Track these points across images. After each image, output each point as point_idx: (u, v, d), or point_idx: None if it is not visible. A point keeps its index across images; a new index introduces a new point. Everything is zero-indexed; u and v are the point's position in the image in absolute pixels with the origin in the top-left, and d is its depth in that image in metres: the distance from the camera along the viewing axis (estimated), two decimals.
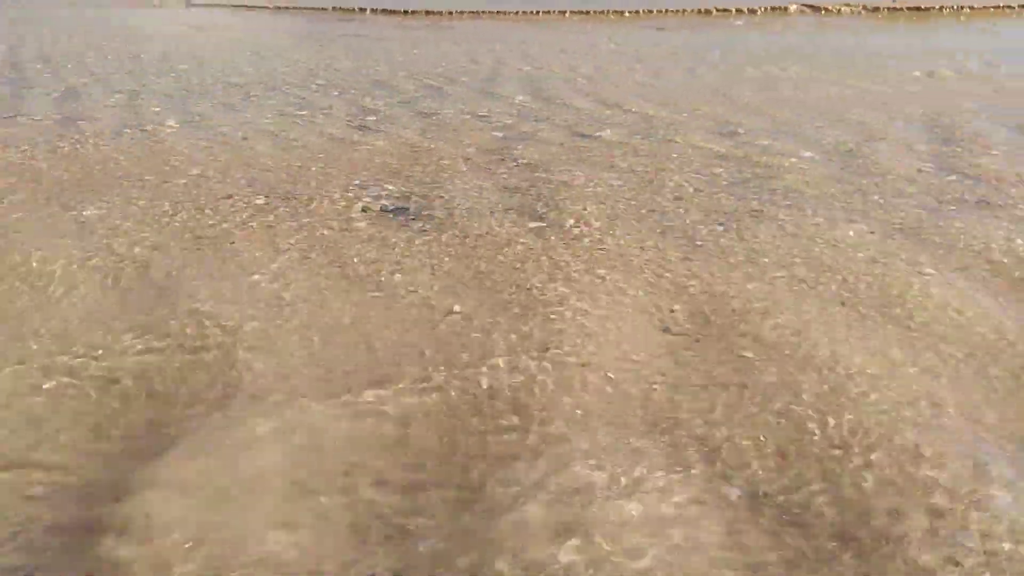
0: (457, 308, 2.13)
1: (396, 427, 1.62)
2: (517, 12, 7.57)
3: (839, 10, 6.38)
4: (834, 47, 5.58)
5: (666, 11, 6.62)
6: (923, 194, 3.10)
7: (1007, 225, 2.76)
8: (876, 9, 6.38)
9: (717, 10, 6.49)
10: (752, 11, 6.49)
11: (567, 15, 6.69)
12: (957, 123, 3.93)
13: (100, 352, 1.87)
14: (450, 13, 8.14)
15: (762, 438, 1.59)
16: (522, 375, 1.81)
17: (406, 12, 8.36)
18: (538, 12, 7.27)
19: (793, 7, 6.41)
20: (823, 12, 6.37)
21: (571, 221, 2.76)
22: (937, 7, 6.51)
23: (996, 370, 1.87)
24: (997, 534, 1.30)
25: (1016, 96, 4.37)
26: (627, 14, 6.67)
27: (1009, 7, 6.53)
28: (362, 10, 8.50)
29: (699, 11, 6.58)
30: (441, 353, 1.89)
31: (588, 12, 6.74)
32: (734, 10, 6.53)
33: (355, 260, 2.42)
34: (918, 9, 6.50)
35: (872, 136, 3.78)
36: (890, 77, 4.75)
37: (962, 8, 6.45)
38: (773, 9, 6.51)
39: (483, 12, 8.00)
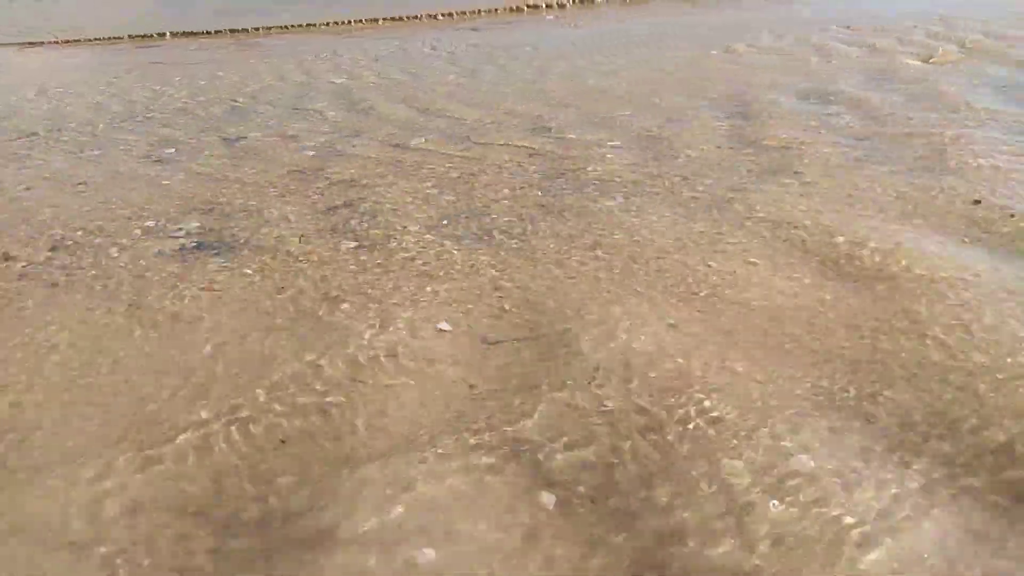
0: (265, 342, 2.02)
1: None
2: (328, 23, 7.41)
3: None
4: (640, 32, 5.85)
5: (479, 11, 6.71)
6: (724, 170, 3.28)
7: (797, 193, 2.97)
8: None
9: (528, 6, 6.64)
10: (561, 5, 6.69)
11: (380, 23, 6.62)
12: (752, 97, 4.21)
13: None
14: (256, 30, 7.84)
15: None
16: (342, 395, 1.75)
17: (209, 33, 7.98)
18: (350, 22, 7.16)
19: None
20: (629, 0, 6.67)
21: (387, 237, 2.71)
22: None
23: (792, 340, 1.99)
24: None
25: (799, 64, 4.74)
26: (441, 17, 6.70)
27: None
28: (161, 35, 8.02)
29: (511, 9, 6.71)
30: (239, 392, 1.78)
31: (402, 18, 6.70)
32: (544, 5, 6.71)
33: (151, 303, 2.25)
34: None
35: (675, 118, 3.98)
36: (692, 57, 5.03)
37: None
38: (581, 1, 6.74)
39: (292, 27, 7.77)
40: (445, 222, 2.85)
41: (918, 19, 5.74)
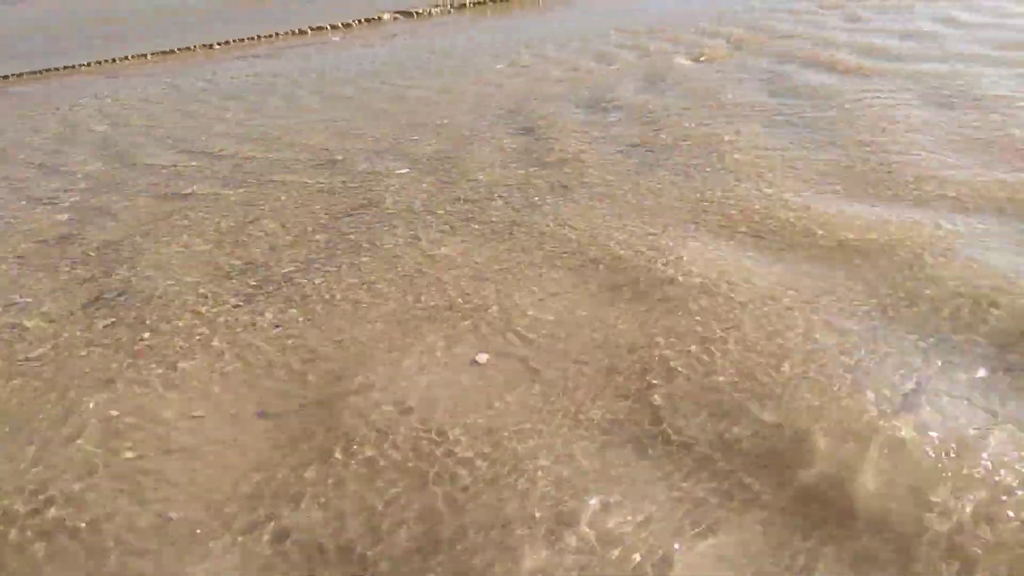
0: None
1: None
2: (90, 64, 6.78)
3: (430, 12, 6.68)
4: (428, 50, 5.82)
5: (259, 38, 6.40)
6: (514, 191, 3.29)
7: (583, 207, 3.02)
8: (463, 6, 6.79)
9: (312, 29, 6.42)
10: (347, 25, 6.55)
11: (150, 58, 6.13)
12: (538, 110, 4.28)
13: None
14: (5, 78, 7.03)
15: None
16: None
17: None
18: (115, 60, 6.59)
19: (387, 15, 6.58)
20: (415, 16, 6.63)
21: (148, 308, 2.46)
22: None
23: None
24: None
25: (581, 73, 4.90)
26: (217, 47, 6.32)
27: None
28: None
29: (293, 32, 6.46)
30: None
31: (173, 51, 6.25)
32: (329, 27, 6.52)
33: None
34: (501, 0, 7.06)
35: (465, 138, 3.96)
36: (480, 73, 5.06)
37: None
38: (368, 20, 6.62)
39: (49, 71, 7.03)
40: (219, 282, 2.64)
41: (690, 18, 6.13)
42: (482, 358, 2.13)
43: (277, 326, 2.36)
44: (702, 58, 5.18)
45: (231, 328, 2.35)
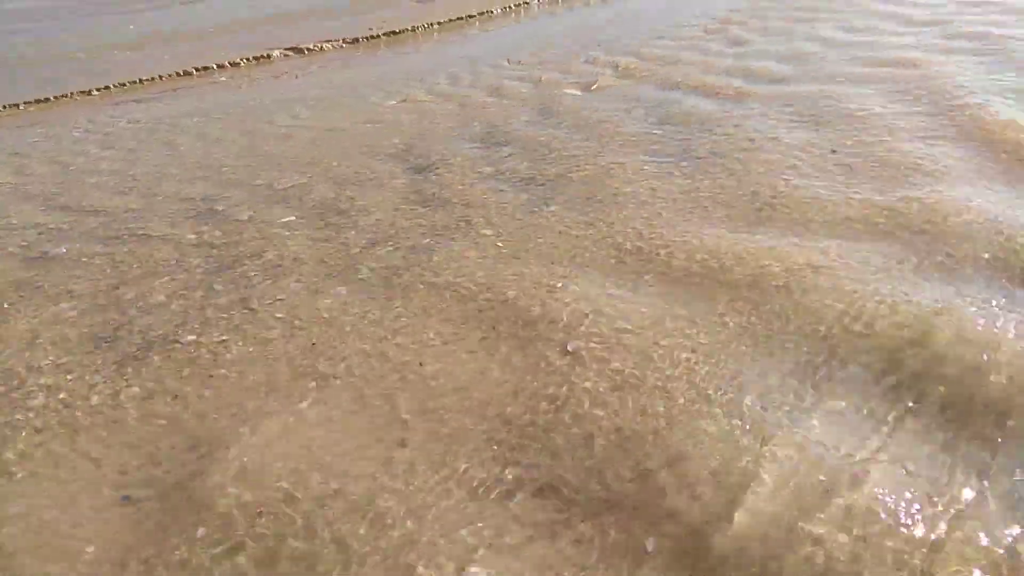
0: None
1: None
2: None
3: (321, 47, 6.59)
4: (319, 87, 5.72)
5: (142, 81, 6.16)
6: (403, 235, 3.24)
7: (472, 251, 3.00)
8: (356, 40, 6.73)
9: (198, 70, 6.23)
10: (235, 64, 6.38)
11: (22, 107, 5.82)
12: (430, 148, 4.25)
13: None
14: None
15: None
16: None
17: None
18: None
19: (276, 53, 6.45)
20: (306, 52, 6.52)
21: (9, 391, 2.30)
22: (410, 28, 7.09)
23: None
24: None
25: (474, 107, 4.90)
26: (96, 92, 6.05)
27: (469, 16, 7.38)
28: None
29: (178, 74, 6.25)
30: None
31: (48, 99, 5.94)
32: (215, 66, 6.34)
33: None
34: (394, 33, 7.02)
35: (354, 180, 3.89)
36: (371, 110, 5.00)
37: (431, 25, 7.12)
38: (257, 59, 6.47)
39: None
40: (87, 354, 2.49)
41: (581, 47, 6.23)
42: (358, 419, 2.08)
43: (146, 397, 2.24)
44: (593, 87, 5.27)
45: (89, 403, 2.20)
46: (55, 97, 6.06)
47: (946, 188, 3.21)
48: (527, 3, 7.95)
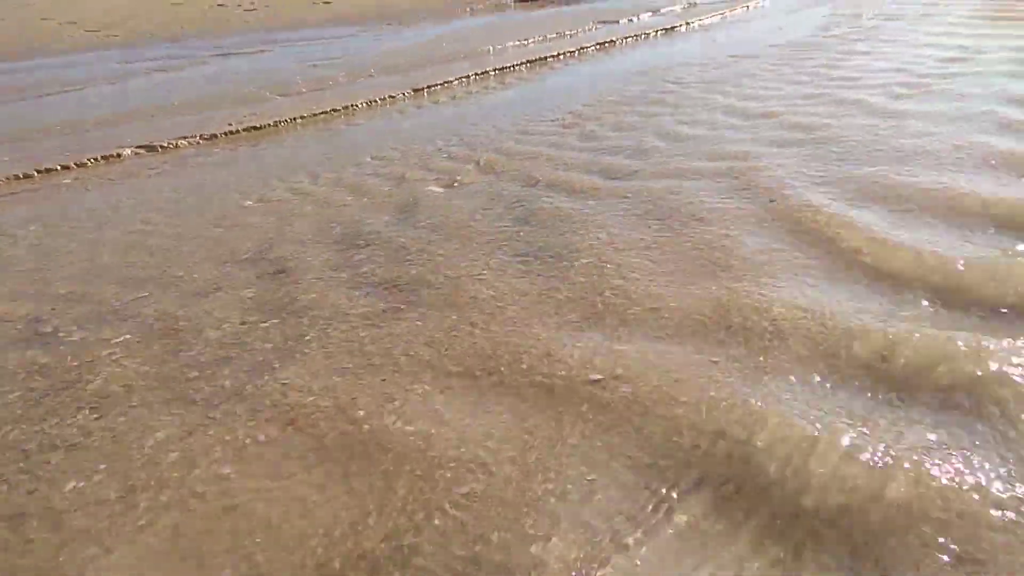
0: None
1: None
2: None
3: (176, 144, 6.38)
4: (171, 188, 5.52)
5: None
6: (246, 352, 3.10)
7: (322, 366, 2.89)
8: (213, 137, 6.57)
9: (40, 172, 5.87)
10: (81, 165, 6.06)
11: None
12: (284, 253, 4.13)
13: None
14: None
15: None
16: None
17: None
18: None
19: (127, 151, 6.20)
20: (160, 150, 6.30)
21: None
22: (272, 123, 7.02)
23: None
24: None
25: (334, 207, 4.85)
26: None
27: (334, 110, 7.38)
28: None
29: (17, 177, 5.86)
30: None
31: None
32: (60, 167, 6.00)
33: None
34: (255, 129, 6.91)
35: (200, 292, 3.72)
36: (225, 212, 4.84)
37: (294, 119, 7.07)
38: (106, 158, 6.18)
39: None
40: None
41: (443, 142, 6.34)
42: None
43: None
44: (455, 184, 5.35)
45: None
46: None
47: (771, 282, 3.43)
48: (392, 97, 8.08)
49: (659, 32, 11.14)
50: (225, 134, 6.79)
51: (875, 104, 6.61)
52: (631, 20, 12.10)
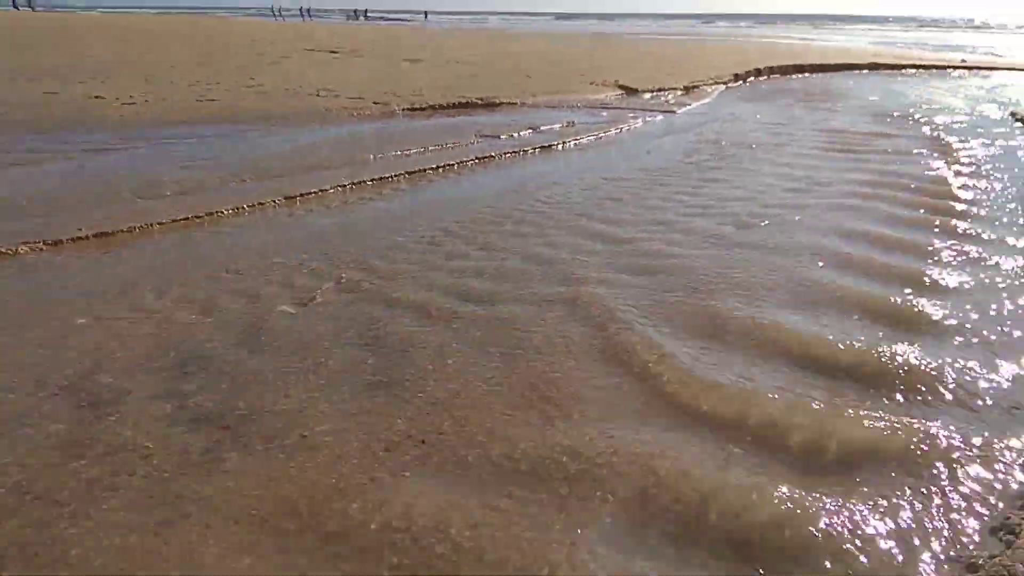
0: None
1: None
2: None
3: (16, 251, 6.03)
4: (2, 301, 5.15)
5: None
6: (47, 501, 2.86)
7: (125, 520, 2.69)
8: (58, 243, 6.25)
9: None
10: None
11: None
12: (107, 380, 3.91)
13: None
14: None
15: None
16: None
17: None
18: None
19: None
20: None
21: None
22: (126, 228, 6.78)
23: None
24: None
25: (174, 326, 4.66)
26: None
27: (197, 216, 7.21)
28: None
29: None
30: None
31: None
32: None
33: None
34: (105, 235, 6.65)
35: (2, 423, 3.43)
36: (49, 331, 4.56)
37: (151, 225, 6.85)
38: None
39: None
40: None
41: (306, 255, 6.28)
42: None
43: None
44: (311, 302, 5.28)
45: None
46: None
47: (591, 422, 3.52)
48: (262, 204, 8.00)
49: (537, 149, 11.65)
50: (72, 240, 6.47)
51: (723, 234, 7.10)
52: (512, 136, 12.62)
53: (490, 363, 4.19)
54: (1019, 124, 14.77)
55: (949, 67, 30.70)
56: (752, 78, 25.23)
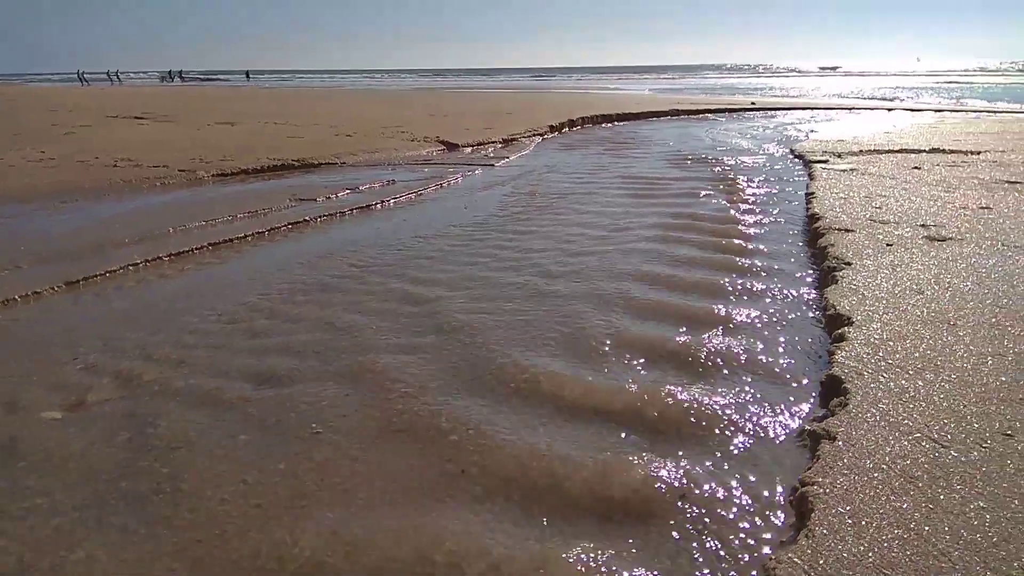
0: None
1: None
2: None
3: None
4: None
5: None
6: None
7: None
8: None
9: None
10: None
11: None
12: None
13: None
14: None
15: None
16: None
17: None
18: None
19: None
20: None
21: None
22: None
23: None
24: None
25: None
26: None
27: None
28: None
29: None
30: None
31: None
32: None
33: None
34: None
35: None
36: None
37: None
38: None
39: None
40: None
41: (83, 347, 5.68)
42: None
43: None
44: (81, 405, 4.72)
45: None
46: None
47: (362, 512, 3.35)
48: (38, 293, 7.20)
49: (355, 210, 11.46)
50: None
51: (531, 286, 7.20)
52: (329, 198, 12.36)
53: (272, 460, 3.89)
54: (798, 159, 16.40)
55: (741, 109, 33.84)
56: (567, 128, 26.47)
